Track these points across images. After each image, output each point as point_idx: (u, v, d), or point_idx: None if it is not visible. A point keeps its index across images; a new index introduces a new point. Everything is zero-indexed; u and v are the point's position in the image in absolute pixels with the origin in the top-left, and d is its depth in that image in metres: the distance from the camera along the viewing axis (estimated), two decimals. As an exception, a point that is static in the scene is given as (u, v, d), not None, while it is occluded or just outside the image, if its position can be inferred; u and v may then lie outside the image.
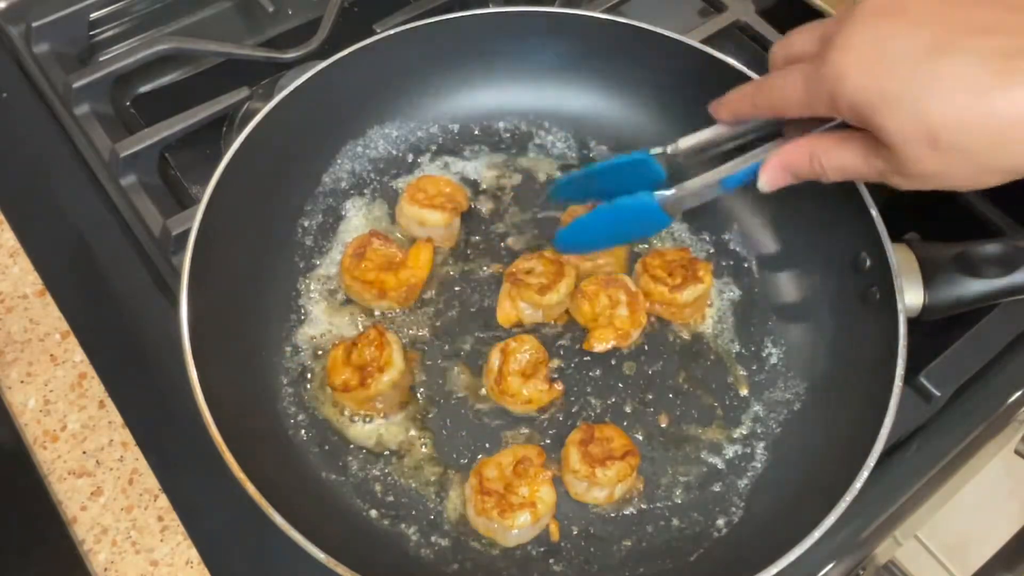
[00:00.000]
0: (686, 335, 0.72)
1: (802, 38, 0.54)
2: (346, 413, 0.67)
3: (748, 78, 0.71)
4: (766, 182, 0.56)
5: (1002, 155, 0.45)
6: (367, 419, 0.66)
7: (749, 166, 0.57)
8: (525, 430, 0.67)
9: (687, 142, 0.62)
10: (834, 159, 0.52)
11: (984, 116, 0.44)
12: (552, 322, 0.72)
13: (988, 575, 0.92)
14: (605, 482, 0.62)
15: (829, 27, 0.50)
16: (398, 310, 0.71)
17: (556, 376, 0.69)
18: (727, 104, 0.59)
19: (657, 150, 0.62)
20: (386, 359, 0.65)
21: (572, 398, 0.69)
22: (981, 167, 0.46)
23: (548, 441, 0.67)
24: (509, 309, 0.71)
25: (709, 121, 0.61)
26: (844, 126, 0.52)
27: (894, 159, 0.48)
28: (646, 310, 0.71)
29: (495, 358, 0.67)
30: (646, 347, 0.71)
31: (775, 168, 0.55)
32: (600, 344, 0.69)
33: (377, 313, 0.71)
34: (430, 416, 0.67)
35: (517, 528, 0.61)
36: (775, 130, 0.59)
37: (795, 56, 0.53)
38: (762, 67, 0.72)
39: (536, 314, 0.70)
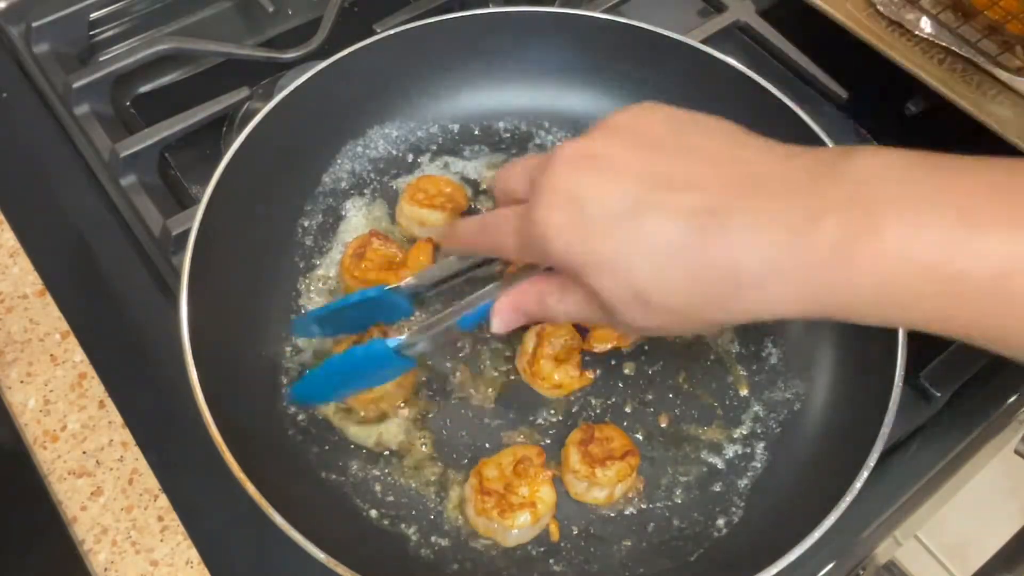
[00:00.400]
0: (686, 335, 0.72)
1: (515, 174, 0.51)
2: (352, 410, 0.67)
3: (748, 78, 0.72)
4: (499, 324, 0.54)
5: (709, 311, 0.44)
6: (367, 418, 0.66)
7: (482, 305, 0.55)
8: (525, 430, 0.67)
9: (423, 278, 0.60)
10: (561, 304, 0.50)
11: (682, 278, 0.43)
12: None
13: (988, 575, 0.92)
14: (605, 482, 0.62)
15: (535, 169, 0.48)
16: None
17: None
18: (453, 239, 0.57)
19: (396, 284, 0.60)
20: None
21: (572, 398, 0.69)
22: (692, 321, 0.45)
23: (548, 441, 0.67)
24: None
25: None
26: None
27: (612, 314, 0.47)
28: None
29: (530, 341, 0.68)
30: (646, 347, 0.71)
31: (506, 311, 0.53)
32: (600, 344, 0.69)
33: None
34: (430, 416, 0.67)
35: (517, 528, 0.61)
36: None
37: (511, 193, 0.51)
38: (762, 68, 0.73)
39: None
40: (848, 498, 0.56)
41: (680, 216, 0.42)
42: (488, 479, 0.62)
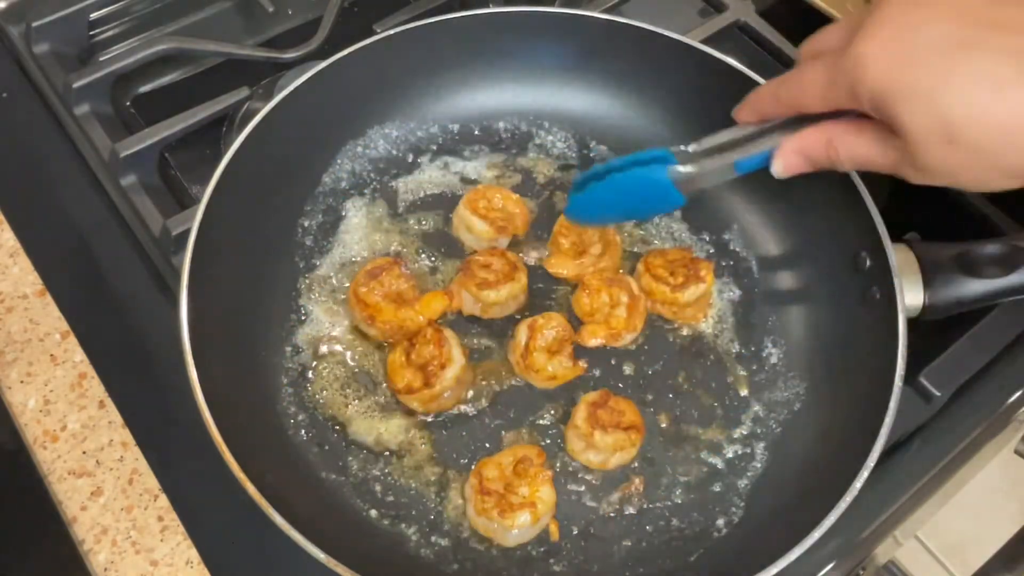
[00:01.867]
0: (686, 335, 0.72)
1: (832, 31, 0.53)
2: (350, 411, 0.67)
3: (748, 78, 0.72)
4: (781, 167, 0.55)
5: (1015, 155, 0.44)
6: (370, 417, 0.66)
7: (764, 151, 0.56)
8: (525, 430, 0.67)
9: (708, 142, 0.60)
10: (850, 147, 0.51)
11: (1002, 115, 0.43)
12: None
13: (988, 575, 0.92)
14: (602, 447, 0.63)
15: (859, 18, 0.49)
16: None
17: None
18: (750, 104, 0.58)
19: (677, 148, 0.61)
20: (447, 356, 0.65)
21: (572, 398, 0.69)
22: (993, 166, 0.45)
23: (547, 441, 0.67)
24: (455, 296, 0.71)
25: (715, 122, 0.61)
26: (860, 116, 0.51)
27: (909, 151, 0.47)
28: (648, 309, 0.71)
29: (522, 334, 0.68)
30: (646, 347, 0.71)
31: (790, 153, 0.54)
32: (590, 339, 0.69)
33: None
34: (430, 416, 0.67)
35: (517, 528, 0.61)
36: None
37: (822, 50, 0.52)
38: (762, 68, 0.73)
39: (475, 307, 0.71)
40: (848, 498, 0.56)
41: (1005, 55, 0.43)
42: (488, 479, 0.62)
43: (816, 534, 0.55)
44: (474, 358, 0.70)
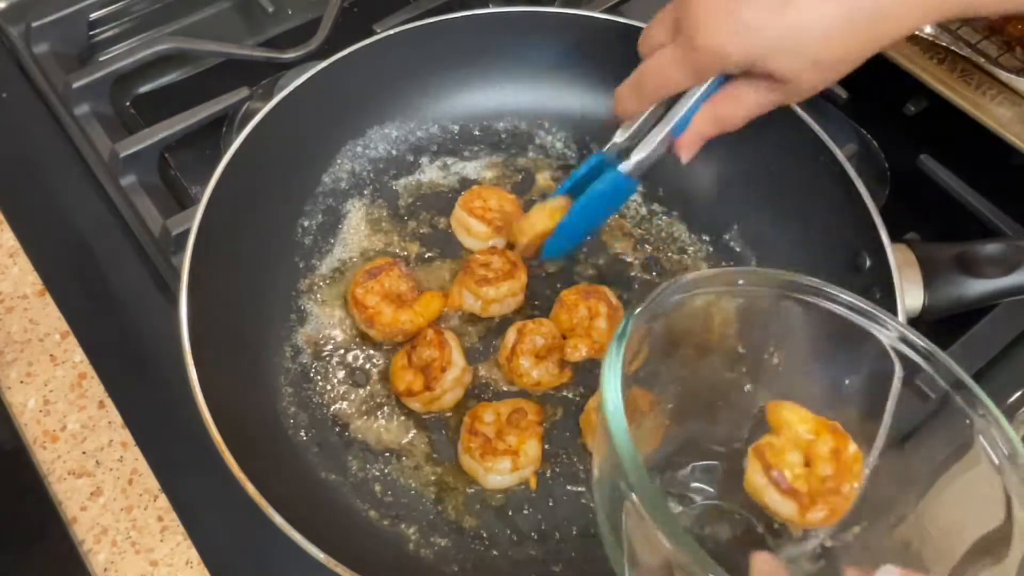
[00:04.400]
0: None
1: (658, 28, 0.60)
2: (350, 411, 0.67)
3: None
4: (687, 156, 0.63)
5: (865, 48, 0.53)
6: (370, 417, 0.66)
7: (688, 111, 0.61)
8: (525, 430, 0.67)
9: (633, 126, 0.64)
10: (737, 108, 0.59)
11: (844, 30, 0.52)
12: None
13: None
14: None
15: (676, 12, 0.57)
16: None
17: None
18: (619, 104, 0.64)
19: (609, 146, 0.65)
20: (447, 359, 0.65)
21: (571, 395, 0.69)
22: (853, 63, 0.55)
23: (548, 445, 0.67)
24: (456, 294, 0.71)
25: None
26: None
27: (788, 88, 0.56)
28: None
29: (511, 336, 0.68)
30: (646, 347, 0.71)
31: (687, 144, 0.62)
32: (573, 353, 0.68)
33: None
34: (430, 416, 0.67)
35: (497, 473, 0.63)
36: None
37: (656, 44, 0.59)
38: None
39: (475, 304, 0.71)
40: (848, 498, 0.56)
41: None
42: (481, 421, 0.64)
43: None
44: (475, 359, 0.70)
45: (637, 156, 0.63)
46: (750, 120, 0.61)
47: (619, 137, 0.65)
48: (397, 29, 0.75)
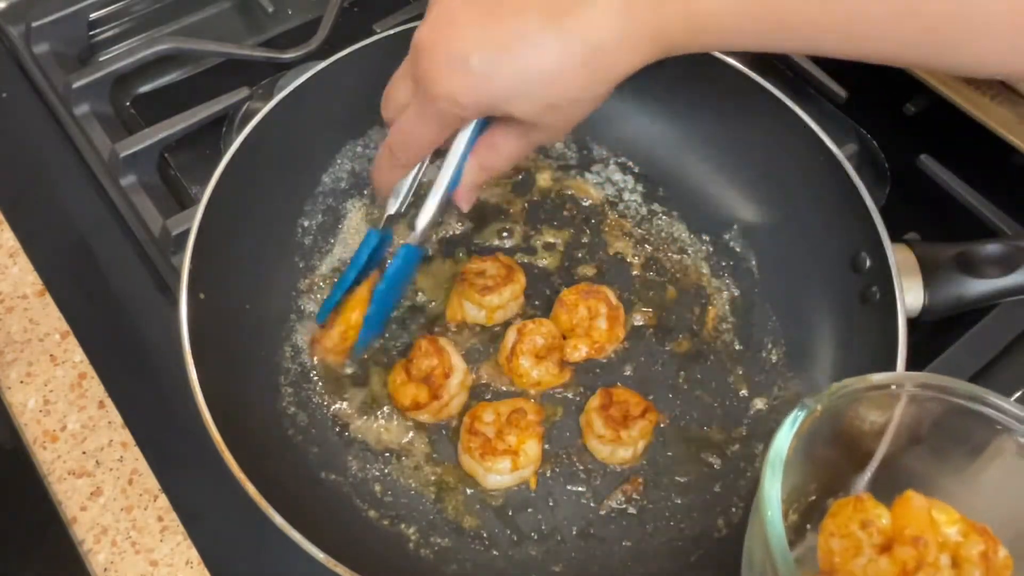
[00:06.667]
0: (686, 336, 0.72)
1: (398, 87, 0.59)
2: (350, 411, 0.67)
3: (748, 78, 0.72)
4: (466, 207, 0.63)
5: (597, 88, 0.54)
6: (370, 417, 0.66)
7: (456, 166, 0.60)
8: (525, 430, 0.67)
9: (403, 199, 0.64)
10: (495, 154, 0.59)
11: (569, 71, 0.51)
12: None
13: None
14: (630, 441, 0.64)
15: (412, 67, 0.56)
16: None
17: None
18: (377, 183, 0.64)
19: (383, 222, 0.65)
20: (448, 364, 0.65)
21: (571, 395, 0.69)
22: (590, 102, 0.55)
23: (548, 446, 0.67)
24: (456, 307, 0.71)
25: (711, 117, 0.62)
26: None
27: (537, 129, 0.56)
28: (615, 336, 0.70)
29: (511, 336, 0.68)
30: (645, 347, 0.71)
31: (467, 195, 0.62)
32: (573, 353, 0.69)
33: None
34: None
35: (496, 473, 0.63)
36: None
37: (402, 104, 0.58)
38: (762, 67, 0.73)
39: (480, 314, 0.70)
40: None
41: (542, 32, 0.50)
42: (480, 421, 0.64)
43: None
44: (474, 359, 0.70)
45: (420, 225, 0.62)
46: (516, 163, 0.61)
47: (391, 209, 0.64)
48: (397, 29, 0.75)
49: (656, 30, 0.51)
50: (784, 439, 0.46)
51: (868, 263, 0.66)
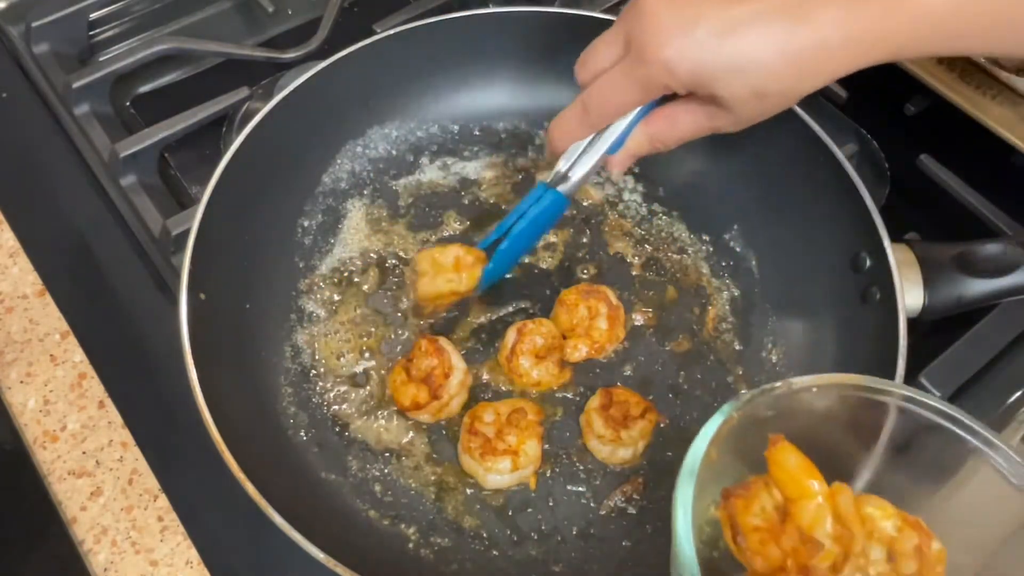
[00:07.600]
0: (686, 336, 0.72)
1: (602, 49, 0.59)
2: (350, 411, 0.67)
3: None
4: (618, 174, 0.64)
5: (806, 84, 0.54)
6: (370, 417, 0.66)
7: (623, 133, 0.60)
8: (525, 430, 0.67)
9: (569, 158, 0.63)
10: (673, 130, 0.59)
11: (789, 64, 0.52)
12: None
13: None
14: (630, 441, 0.64)
15: (628, 30, 0.56)
16: (389, 311, 0.71)
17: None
18: (557, 139, 0.63)
19: (551, 176, 0.64)
20: (448, 364, 0.65)
21: (571, 395, 0.69)
22: (795, 97, 0.55)
23: (548, 445, 0.67)
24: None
25: None
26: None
27: (730, 114, 0.56)
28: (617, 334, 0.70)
29: (511, 336, 0.68)
30: (645, 347, 0.71)
31: (623, 162, 0.62)
32: (573, 353, 0.69)
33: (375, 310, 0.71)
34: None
35: (496, 473, 0.63)
36: None
37: (602, 68, 0.58)
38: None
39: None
40: (848, 498, 0.56)
41: (775, 19, 0.51)
42: (480, 421, 0.64)
43: (816, 534, 0.55)
44: (474, 359, 0.70)
45: (575, 177, 0.62)
46: (682, 144, 0.61)
47: (563, 166, 0.63)
48: (397, 29, 0.75)
49: (882, 34, 0.51)
50: (700, 445, 0.46)
51: (868, 263, 0.66)
